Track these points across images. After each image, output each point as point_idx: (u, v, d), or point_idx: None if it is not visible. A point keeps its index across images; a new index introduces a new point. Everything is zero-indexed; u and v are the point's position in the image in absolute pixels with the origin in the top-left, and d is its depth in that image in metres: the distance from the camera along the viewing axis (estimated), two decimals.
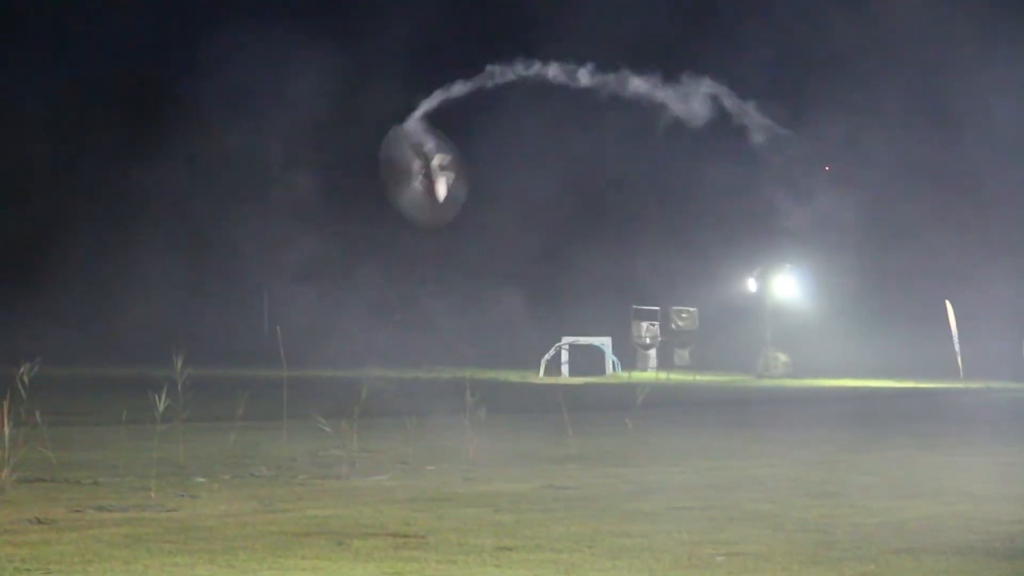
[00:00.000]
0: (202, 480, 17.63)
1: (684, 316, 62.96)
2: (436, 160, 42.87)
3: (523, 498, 16.15)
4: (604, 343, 59.76)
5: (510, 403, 34.44)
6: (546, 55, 50.60)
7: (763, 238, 60.34)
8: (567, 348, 59.06)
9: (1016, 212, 59.34)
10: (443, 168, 43.36)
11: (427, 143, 41.78)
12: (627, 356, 61.24)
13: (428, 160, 42.17)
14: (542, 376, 56.31)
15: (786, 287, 61.01)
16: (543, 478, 18.18)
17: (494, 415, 22.10)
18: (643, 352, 62.55)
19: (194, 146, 57.07)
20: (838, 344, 56.94)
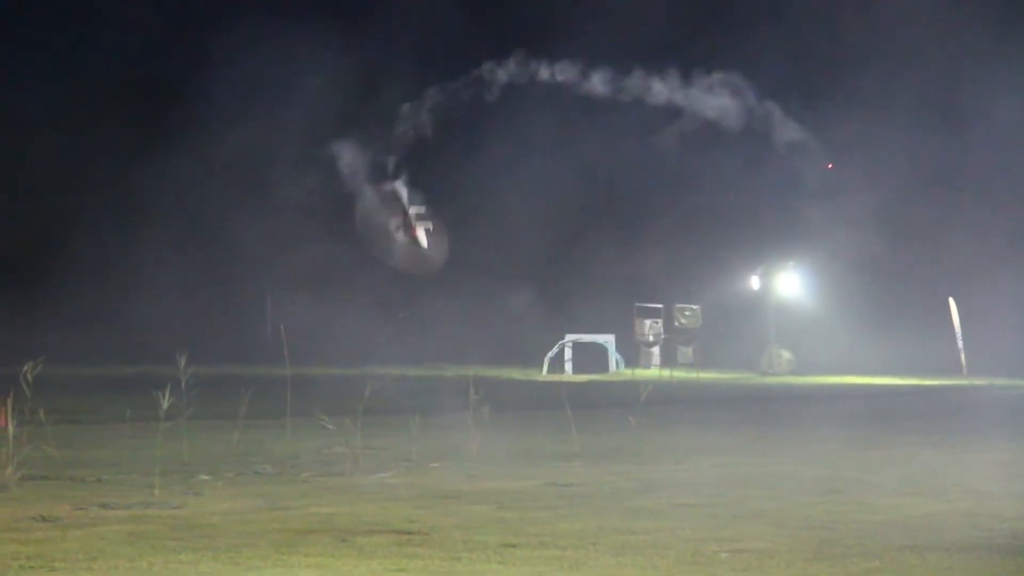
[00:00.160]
0: (206, 478, 17.64)
1: (688, 313, 62.93)
2: (412, 211, 43.60)
3: (527, 495, 16.16)
4: (607, 341, 59.75)
5: (513, 401, 34.41)
6: (555, 54, 50.71)
7: (767, 235, 60.35)
8: (570, 346, 59.06)
9: (1020, 210, 59.34)
10: (420, 218, 44.11)
11: (402, 197, 42.47)
12: (631, 354, 61.22)
13: (405, 213, 42.84)
14: (545, 374, 56.31)
15: (790, 284, 60.99)
16: (547, 475, 18.19)
17: (497, 413, 22.09)
18: (646, 350, 62.54)
19: (200, 146, 57.07)
20: (842, 341, 56.89)
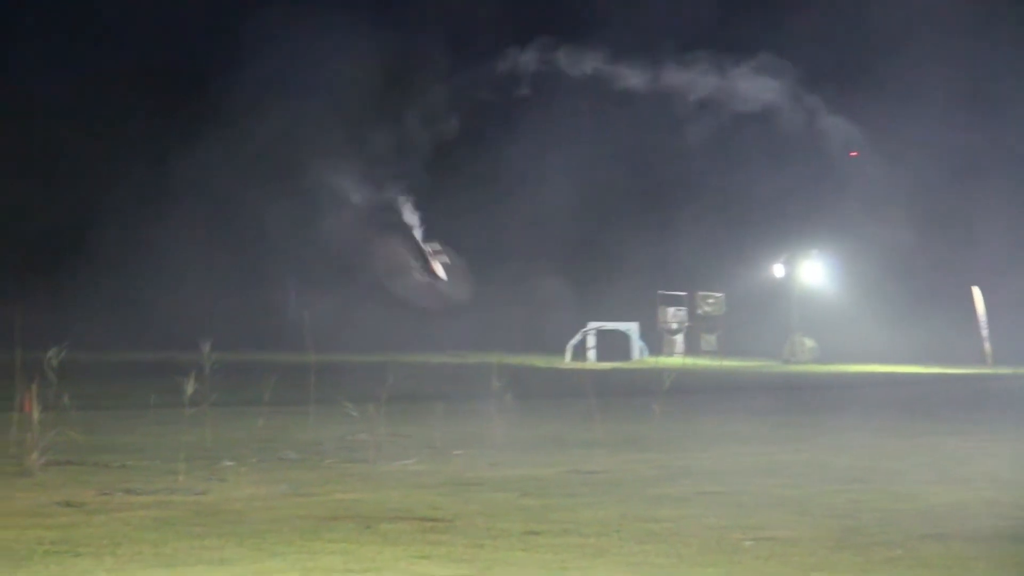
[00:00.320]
0: (230, 464, 17.67)
1: (711, 301, 62.89)
2: (428, 248, 45.49)
3: (550, 483, 16.16)
4: (631, 328, 59.73)
5: (536, 388, 34.44)
6: (583, 41, 50.66)
7: (791, 223, 60.24)
8: (593, 333, 59.05)
9: None
10: (436, 253, 46.02)
11: (416, 236, 44.21)
12: (654, 341, 61.22)
13: (422, 251, 44.70)
14: (568, 361, 56.33)
15: (813, 273, 60.91)
16: (570, 463, 18.19)
17: (520, 400, 22.10)
18: (670, 337, 62.53)
19: (227, 134, 57.19)
20: (865, 330, 56.79)
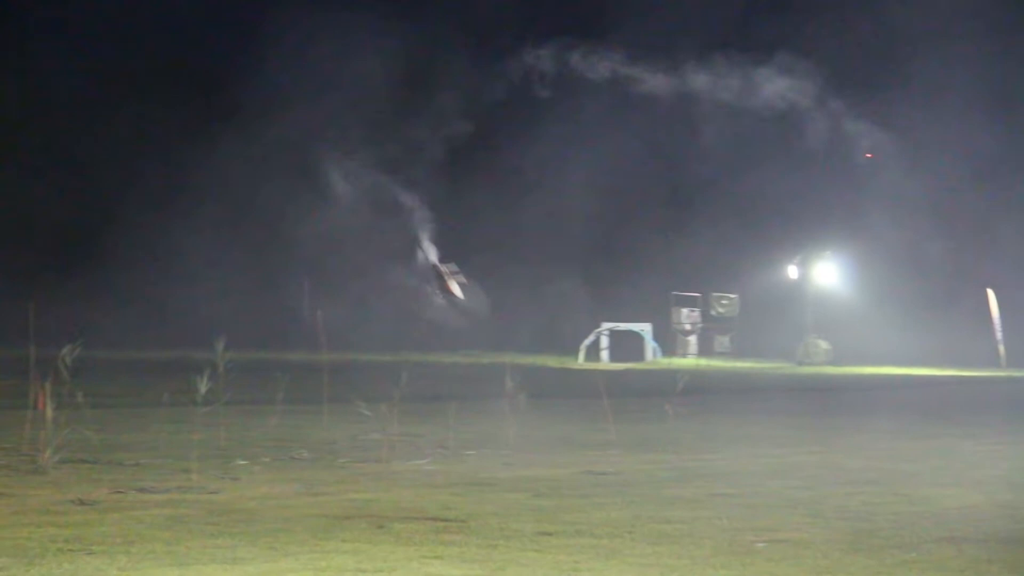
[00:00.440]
0: (243, 463, 17.69)
1: (725, 302, 62.85)
2: (444, 269, 48.05)
3: (563, 483, 16.16)
4: (644, 329, 59.71)
5: (550, 388, 34.44)
6: (600, 42, 50.67)
7: (805, 225, 60.17)
8: (607, 334, 59.03)
9: None
10: (453, 273, 48.65)
11: (433, 260, 46.70)
12: (667, 342, 61.18)
13: (439, 273, 47.35)
14: (582, 362, 56.32)
15: (827, 274, 60.83)
16: (583, 463, 18.18)
17: (534, 400, 22.09)
18: (683, 338, 62.49)
19: (245, 132, 57.30)
20: (879, 332, 56.72)
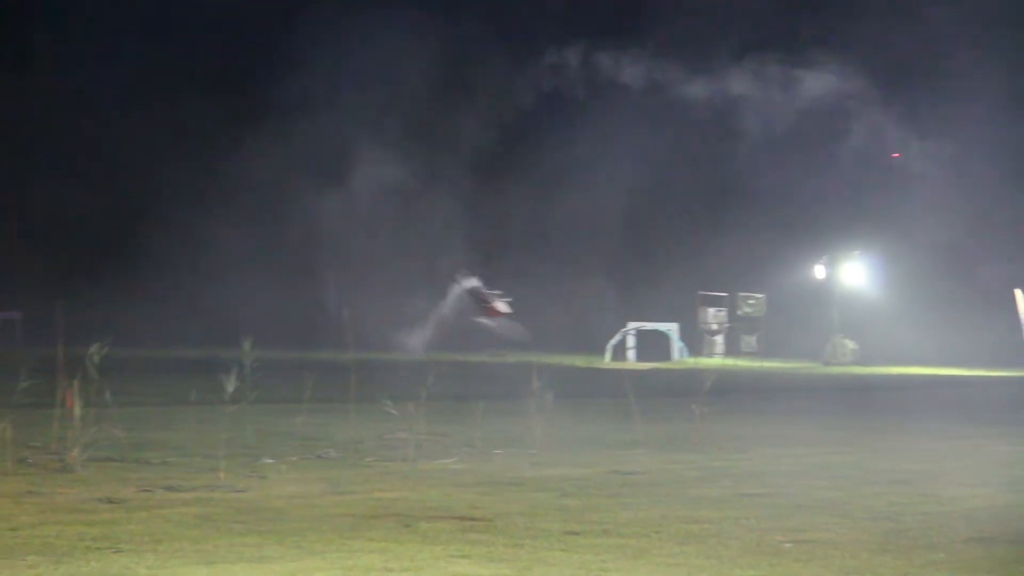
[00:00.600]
0: (270, 461, 17.71)
1: (752, 302, 62.76)
2: (489, 296, 51.91)
3: (590, 483, 16.14)
4: (671, 328, 59.64)
5: (576, 388, 34.41)
6: (624, 43, 50.63)
7: (833, 224, 60.03)
8: (633, 333, 58.98)
9: None
10: (495, 296, 52.52)
11: (474, 287, 50.68)
12: (694, 342, 61.10)
13: (480, 297, 51.30)
14: (608, 361, 56.29)
15: (855, 274, 60.67)
16: (610, 463, 18.16)
17: (560, 400, 22.06)
18: (710, 338, 62.40)
19: (272, 132, 57.41)
20: (906, 332, 56.55)
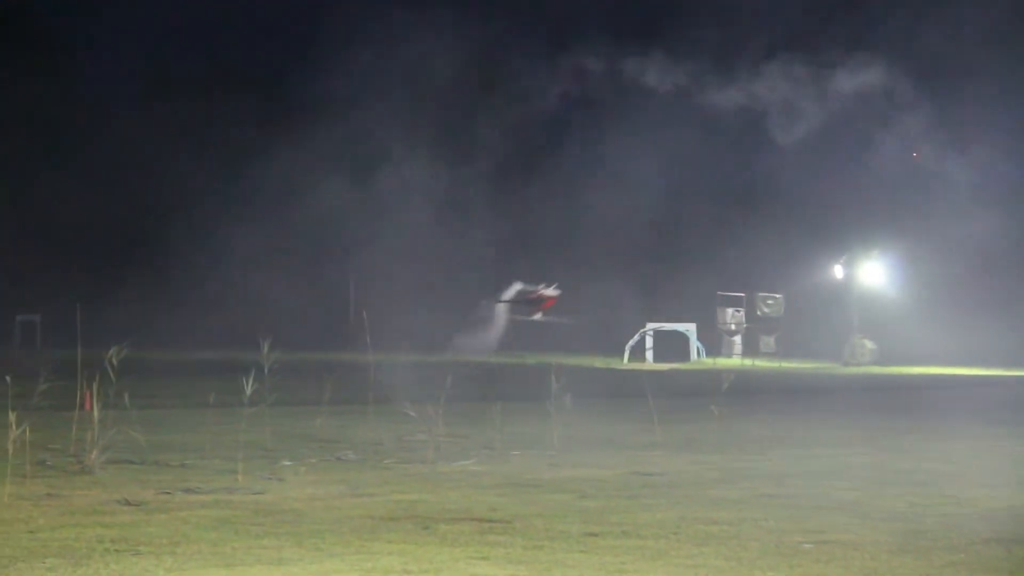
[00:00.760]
0: (289, 463, 17.73)
1: (770, 302, 62.65)
2: (541, 292, 53.55)
3: (609, 484, 16.13)
4: (689, 329, 59.57)
5: (595, 389, 34.38)
6: (643, 47, 50.58)
7: (851, 224, 59.90)
8: (652, 334, 58.92)
9: None
10: (540, 289, 54.25)
11: (518, 291, 52.03)
12: (712, 342, 61.03)
13: (528, 297, 52.97)
14: (627, 362, 56.25)
15: (874, 274, 60.56)
16: (629, 464, 18.14)
17: (579, 401, 22.05)
18: (728, 338, 62.32)
19: (294, 134, 57.42)
20: (926, 332, 56.40)
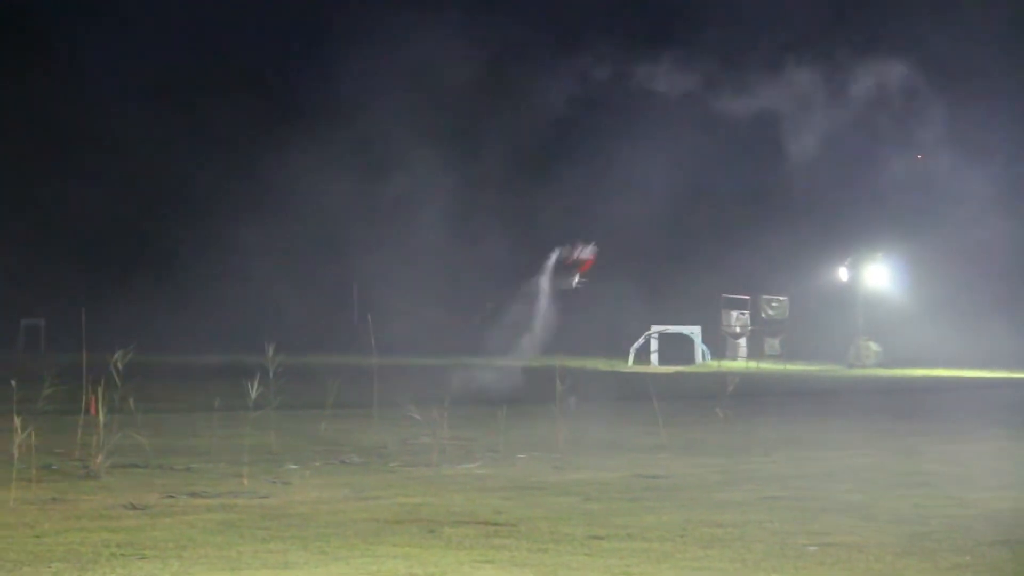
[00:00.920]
0: (294, 467, 17.74)
1: (775, 305, 62.64)
2: (568, 257, 53.92)
3: (613, 487, 16.13)
4: (694, 332, 59.56)
5: (600, 392, 34.39)
6: (651, 50, 50.58)
7: (856, 226, 59.89)
8: (656, 337, 58.91)
9: None
10: (579, 251, 54.50)
11: (556, 259, 52.23)
12: (717, 345, 61.00)
13: (568, 262, 53.23)
14: (631, 364, 56.22)
15: (878, 276, 60.55)
16: (633, 467, 18.15)
17: (584, 404, 22.08)
18: (733, 341, 62.31)
19: (299, 137, 57.48)
20: (931, 334, 56.40)
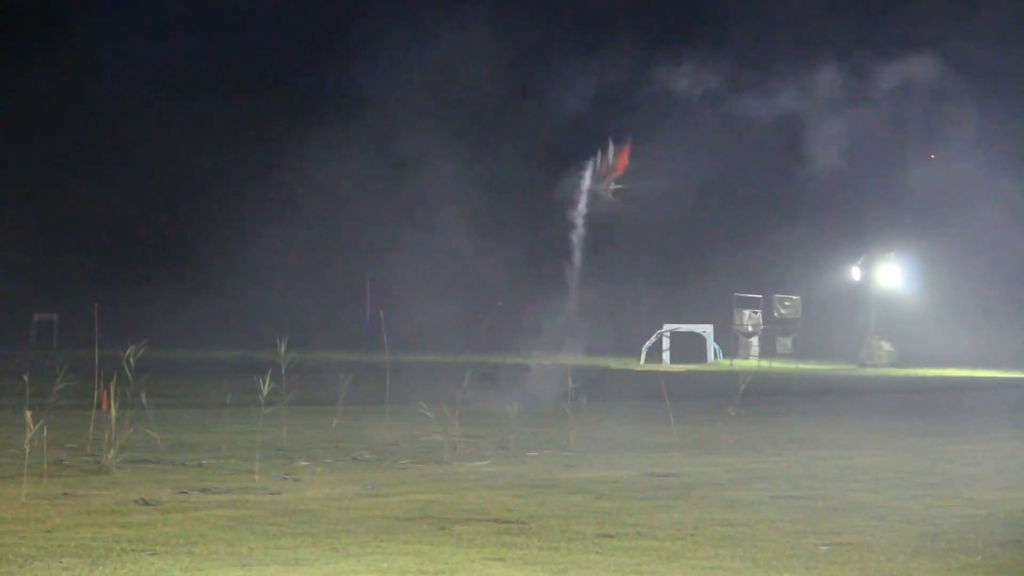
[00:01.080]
0: (305, 463, 17.74)
1: (787, 304, 62.60)
2: (604, 163, 52.86)
3: (625, 485, 16.12)
4: (706, 330, 59.53)
5: (611, 390, 34.39)
6: (672, 51, 50.55)
7: (869, 226, 59.83)
8: (668, 335, 58.89)
9: None
10: (613, 154, 53.28)
11: (591, 170, 51.34)
12: (729, 344, 60.97)
13: (604, 170, 52.00)
14: (643, 363, 56.22)
15: (891, 275, 60.48)
16: (645, 465, 18.13)
17: (595, 402, 22.06)
18: (745, 340, 62.27)
19: (314, 135, 57.54)
20: (944, 333, 56.34)
